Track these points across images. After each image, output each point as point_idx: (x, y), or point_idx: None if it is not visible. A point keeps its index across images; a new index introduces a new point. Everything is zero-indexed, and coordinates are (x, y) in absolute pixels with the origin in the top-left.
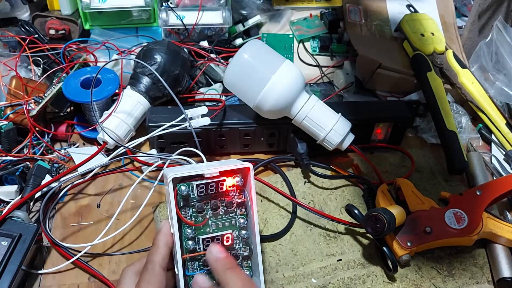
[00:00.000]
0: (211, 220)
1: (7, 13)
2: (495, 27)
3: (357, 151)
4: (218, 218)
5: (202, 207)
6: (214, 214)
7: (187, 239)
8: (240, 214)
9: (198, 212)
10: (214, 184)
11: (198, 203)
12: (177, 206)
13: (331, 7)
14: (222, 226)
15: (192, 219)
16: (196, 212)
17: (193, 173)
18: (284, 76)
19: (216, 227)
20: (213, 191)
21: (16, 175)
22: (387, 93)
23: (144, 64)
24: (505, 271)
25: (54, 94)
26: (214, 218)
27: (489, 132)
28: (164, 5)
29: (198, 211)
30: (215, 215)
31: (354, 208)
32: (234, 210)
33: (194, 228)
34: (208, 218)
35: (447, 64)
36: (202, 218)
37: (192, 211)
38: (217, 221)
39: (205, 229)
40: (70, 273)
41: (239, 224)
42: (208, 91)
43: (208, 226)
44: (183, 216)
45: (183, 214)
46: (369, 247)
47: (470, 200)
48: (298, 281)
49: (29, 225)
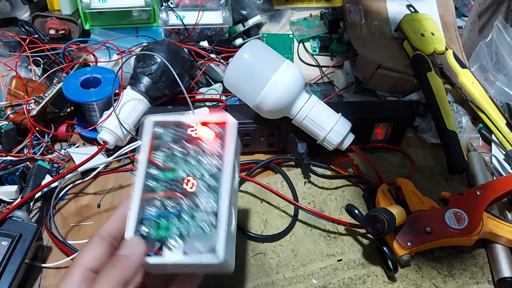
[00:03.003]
0: (181, 166)
1: (7, 13)
2: (495, 27)
3: (357, 151)
4: (189, 165)
5: (173, 151)
6: (186, 160)
7: (150, 179)
8: (214, 165)
9: (168, 157)
10: (188, 128)
11: (170, 146)
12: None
13: (331, 7)
14: (192, 174)
15: (163, 162)
16: (167, 156)
17: (172, 119)
18: (284, 76)
19: (186, 174)
20: (187, 136)
21: (16, 175)
22: (387, 93)
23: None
24: (505, 271)
25: (54, 94)
26: (185, 165)
27: (489, 132)
28: (164, 5)
29: (169, 155)
30: (186, 162)
31: (354, 208)
32: (209, 161)
33: (162, 171)
34: (178, 163)
35: (447, 64)
36: (173, 164)
37: (163, 155)
38: (188, 168)
39: (172, 173)
40: None
41: (208, 174)
42: (208, 91)
43: (176, 172)
44: (152, 158)
45: (153, 157)
46: (369, 247)
47: (470, 200)
48: (299, 282)
49: (29, 225)
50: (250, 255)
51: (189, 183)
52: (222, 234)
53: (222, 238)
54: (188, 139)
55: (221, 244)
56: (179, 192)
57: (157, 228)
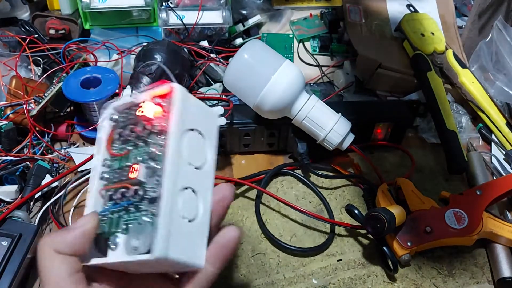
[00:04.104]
0: (132, 152)
1: (7, 13)
2: (495, 27)
3: (357, 151)
4: (139, 149)
5: (125, 136)
6: (136, 144)
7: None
8: (158, 144)
9: (123, 143)
10: (134, 109)
11: (122, 132)
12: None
13: (331, 7)
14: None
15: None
16: (122, 144)
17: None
18: (284, 76)
19: (134, 159)
20: (132, 115)
21: (16, 175)
22: (387, 93)
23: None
24: (505, 271)
25: (54, 94)
26: (136, 149)
27: (489, 132)
28: (164, 5)
29: (123, 141)
30: (137, 146)
31: (354, 208)
32: (155, 141)
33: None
34: (130, 149)
35: (447, 64)
36: (125, 150)
37: (119, 143)
38: (137, 153)
39: (123, 161)
40: None
41: (151, 155)
42: (208, 91)
43: (128, 159)
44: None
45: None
46: (369, 247)
47: (470, 200)
48: (299, 281)
49: (29, 225)
50: (250, 255)
51: (132, 170)
52: (160, 225)
53: (160, 230)
54: (135, 121)
55: (159, 238)
56: (125, 181)
57: (111, 224)
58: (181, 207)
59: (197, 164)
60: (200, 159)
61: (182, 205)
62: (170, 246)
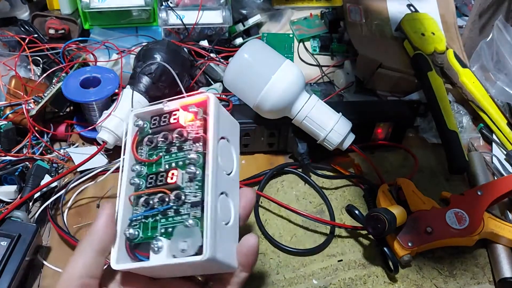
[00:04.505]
0: (165, 158)
1: (6, 13)
2: (495, 27)
3: (357, 151)
4: (172, 155)
5: (155, 142)
6: (168, 150)
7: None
8: (196, 151)
9: (151, 149)
10: (167, 115)
11: (151, 138)
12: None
13: (332, 7)
14: (175, 164)
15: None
16: (149, 149)
17: (150, 109)
18: (285, 76)
19: (169, 166)
20: (165, 122)
21: (16, 175)
22: (387, 92)
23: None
24: (506, 272)
25: (54, 93)
26: (168, 155)
27: (490, 132)
28: (164, 5)
29: (152, 147)
30: (168, 151)
31: (355, 209)
32: (190, 147)
33: (145, 165)
34: (161, 155)
35: (448, 64)
36: (156, 156)
37: (146, 148)
38: (171, 159)
39: (156, 167)
40: None
41: (190, 161)
42: (208, 90)
43: (160, 164)
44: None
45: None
46: (370, 247)
47: (471, 200)
48: (299, 282)
49: (28, 225)
50: None
51: (170, 175)
52: (208, 228)
53: (208, 232)
54: (167, 128)
55: (208, 240)
56: (162, 186)
57: (145, 228)
58: (220, 211)
59: (228, 171)
60: (230, 165)
61: (220, 209)
62: (217, 248)
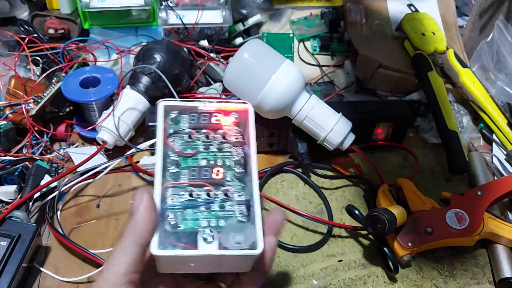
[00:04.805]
0: (202, 154)
1: (6, 13)
2: (496, 27)
3: (358, 151)
4: (210, 153)
5: (192, 137)
6: (206, 147)
7: (171, 166)
8: (236, 154)
9: (187, 143)
10: (207, 115)
11: (188, 131)
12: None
13: (332, 6)
14: (214, 163)
15: (181, 149)
16: (185, 143)
17: (187, 104)
18: (285, 76)
19: (214, 162)
20: (206, 121)
21: (15, 175)
22: (387, 92)
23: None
24: (506, 272)
25: (53, 93)
26: (205, 152)
27: (490, 132)
28: (164, 4)
29: (188, 141)
30: (207, 149)
31: (355, 209)
32: (229, 149)
33: (183, 157)
34: (198, 150)
35: (448, 64)
36: (192, 150)
37: (181, 141)
38: (209, 156)
39: (195, 161)
40: None
41: (234, 161)
42: (208, 90)
43: (197, 159)
44: (170, 144)
45: (170, 142)
46: (370, 247)
47: (471, 200)
48: (299, 282)
49: (28, 225)
50: None
51: (215, 171)
52: (259, 225)
53: (259, 228)
54: (207, 126)
55: (260, 235)
56: (205, 180)
57: (184, 219)
58: None
59: None
60: None
61: None
62: None
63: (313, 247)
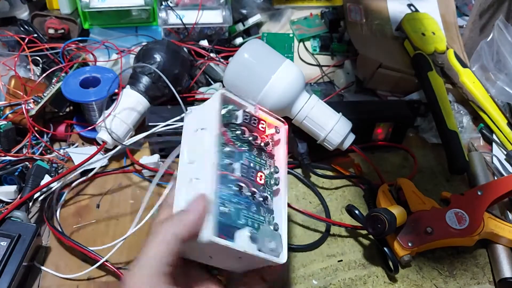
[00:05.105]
0: (245, 154)
1: (6, 13)
2: (496, 27)
3: (358, 151)
4: (251, 155)
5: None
6: (249, 148)
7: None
8: (269, 165)
9: (235, 137)
10: (256, 119)
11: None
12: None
13: (332, 6)
14: (253, 165)
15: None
16: (234, 137)
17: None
18: (285, 76)
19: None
20: (254, 124)
21: (15, 175)
22: (388, 92)
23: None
24: (506, 272)
25: (53, 93)
26: (247, 152)
27: (490, 132)
28: (164, 4)
29: (238, 136)
30: (249, 150)
31: (355, 209)
32: (265, 158)
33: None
34: (243, 150)
35: (448, 64)
36: (239, 146)
37: (231, 134)
38: (249, 157)
39: (244, 157)
40: None
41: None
42: (208, 90)
43: (242, 157)
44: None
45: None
46: (370, 247)
47: (471, 200)
48: (299, 282)
49: (28, 225)
50: None
51: (259, 175)
52: (284, 237)
53: (285, 241)
54: (253, 129)
55: (285, 247)
56: (251, 181)
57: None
58: None
59: None
60: None
61: None
62: None
63: (312, 246)
